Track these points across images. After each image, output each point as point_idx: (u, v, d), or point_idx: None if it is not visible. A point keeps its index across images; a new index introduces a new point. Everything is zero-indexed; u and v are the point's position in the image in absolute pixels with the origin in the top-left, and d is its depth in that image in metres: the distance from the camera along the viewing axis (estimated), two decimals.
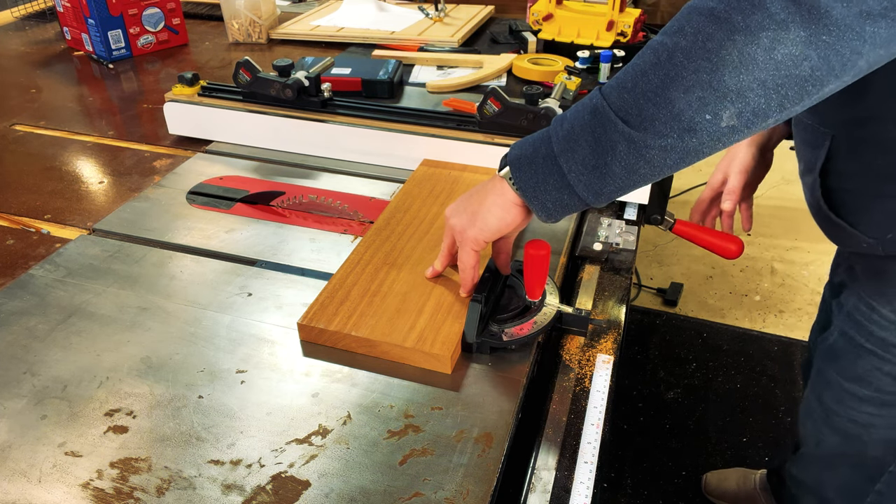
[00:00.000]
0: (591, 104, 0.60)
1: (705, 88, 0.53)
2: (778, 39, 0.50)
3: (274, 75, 1.17)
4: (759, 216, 2.70)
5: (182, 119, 1.23)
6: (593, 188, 0.61)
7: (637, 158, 0.58)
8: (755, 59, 0.51)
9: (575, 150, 0.61)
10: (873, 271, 0.86)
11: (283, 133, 1.17)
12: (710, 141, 0.55)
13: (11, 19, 1.97)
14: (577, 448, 0.66)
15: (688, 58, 0.53)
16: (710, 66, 0.52)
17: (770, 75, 0.51)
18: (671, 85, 0.54)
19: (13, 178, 1.13)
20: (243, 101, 1.21)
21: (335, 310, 0.76)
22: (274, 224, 0.97)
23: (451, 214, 0.75)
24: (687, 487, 1.68)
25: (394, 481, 0.60)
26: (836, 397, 0.97)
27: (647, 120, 0.56)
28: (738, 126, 0.54)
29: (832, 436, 1.00)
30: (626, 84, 0.57)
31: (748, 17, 0.50)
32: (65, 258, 0.90)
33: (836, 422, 0.98)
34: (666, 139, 0.56)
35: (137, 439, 0.64)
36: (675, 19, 0.55)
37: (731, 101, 0.53)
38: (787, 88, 0.52)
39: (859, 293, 0.90)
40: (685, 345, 2.10)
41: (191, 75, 1.22)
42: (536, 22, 1.56)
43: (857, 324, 0.90)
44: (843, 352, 0.94)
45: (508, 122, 1.07)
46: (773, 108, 0.53)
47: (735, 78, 0.52)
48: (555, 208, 0.65)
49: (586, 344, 0.78)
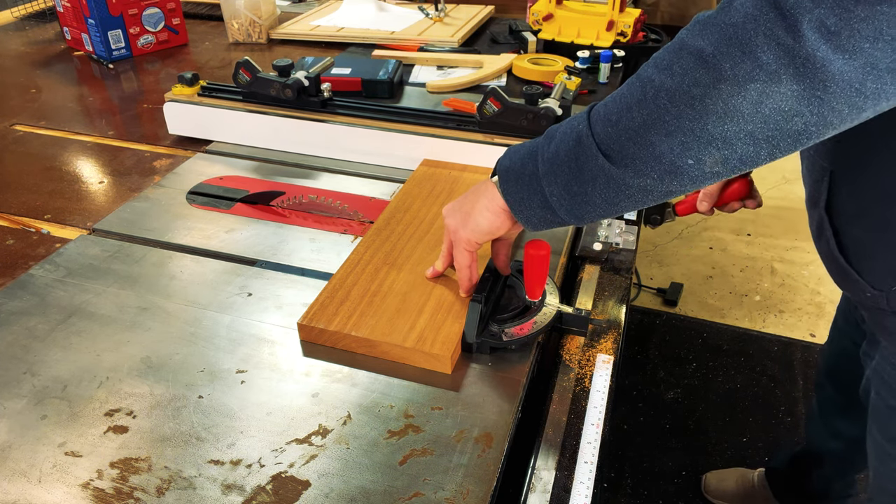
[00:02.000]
0: (577, 130, 0.58)
1: (687, 135, 0.50)
2: (766, 93, 0.46)
3: (274, 75, 1.17)
4: (759, 216, 2.70)
5: (182, 119, 1.23)
6: (574, 213, 0.61)
7: (616, 193, 0.56)
8: (741, 112, 0.48)
9: (557, 175, 0.60)
10: (884, 326, 0.80)
11: (282, 133, 1.17)
12: (692, 184, 0.53)
13: (11, 19, 1.97)
14: (577, 448, 0.66)
15: (671, 101, 0.50)
16: (693, 114, 0.49)
17: (758, 127, 0.48)
18: (653, 127, 0.52)
19: (13, 178, 1.13)
20: (243, 101, 1.21)
21: (335, 310, 0.76)
22: (274, 224, 0.97)
23: (446, 213, 0.75)
24: (687, 487, 1.68)
25: (394, 481, 0.60)
26: (881, 458, 0.92)
27: (627, 158, 0.54)
28: (722, 171, 0.52)
29: (881, 496, 0.96)
30: (612, 117, 0.55)
31: (736, 66, 0.46)
32: (65, 258, 0.90)
33: (884, 483, 0.94)
34: (645, 179, 0.54)
35: (137, 439, 0.64)
36: (667, 52, 0.52)
37: (717, 148, 0.50)
38: (779, 140, 0.49)
39: (881, 350, 0.84)
40: (685, 345, 2.10)
41: (190, 75, 1.22)
42: (536, 22, 1.56)
43: (886, 385, 0.85)
44: (880, 411, 0.89)
45: (508, 122, 1.07)
46: (762, 157, 0.50)
47: (720, 127, 0.49)
48: (539, 223, 0.65)
49: (586, 344, 0.78)
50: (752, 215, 2.71)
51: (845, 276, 0.78)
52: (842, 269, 0.78)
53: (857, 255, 0.76)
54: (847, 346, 1.16)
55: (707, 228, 2.65)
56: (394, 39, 1.64)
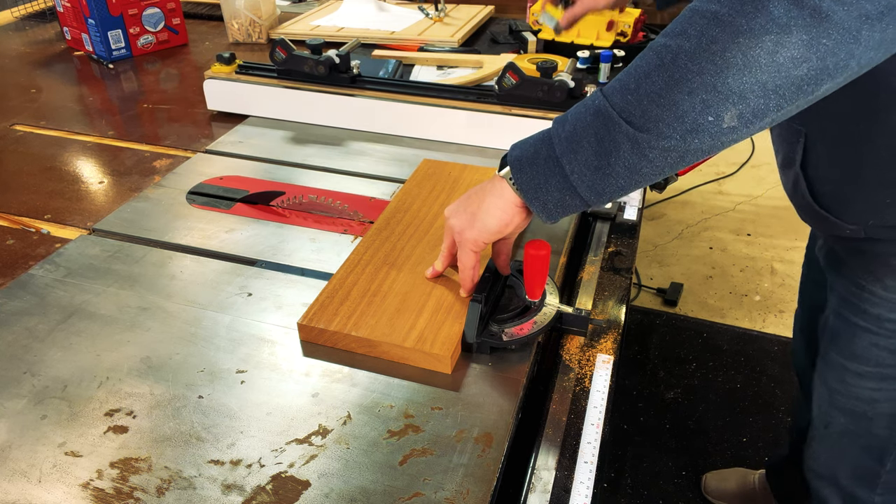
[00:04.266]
0: (593, 105, 0.61)
1: (709, 91, 0.53)
2: (780, 42, 0.51)
3: (307, 53, 1.26)
4: (759, 216, 2.70)
5: (220, 95, 1.32)
6: (596, 188, 0.62)
7: (640, 158, 0.58)
8: (759, 62, 0.52)
9: (577, 151, 0.61)
10: (857, 251, 0.90)
11: (314, 107, 1.27)
12: (711, 141, 0.56)
13: (11, 19, 1.97)
14: (577, 448, 0.66)
15: (692, 60, 0.54)
16: (715, 69, 0.53)
17: (771, 77, 0.52)
18: (675, 87, 0.55)
19: (13, 178, 1.13)
20: (277, 78, 1.30)
21: (335, 310, 0.76)
22: (274, 224, 0.97)
23: (450, 215, 0.75)
24: (687, 487, 1.68)
25: (394, 481, 0.60)
26: (838, 377, 0.99)
27: (651, 121, 0.56)
28: (737, 126, 0.55)
29: (839, 416, 1.02)
30: (630, 85, 0.58)
31: (751, 21, 0.51)
32: (65, 258, 0.90)
33: (840, 401, 1.00)
34: (669, 140, 0.56)
35: (137, 439, 0.64)
36: (677, 22, 0.56)
37: (733, 103, 0.54)
38: (785, 89, 0.53)
39: (847, 274, 0.92)
40: (685, 345, 2.10)
41: (228, 55, 1.31)
42: (536, 22, 1.56)
43: (849, 304, 0.93)
44: (840, 332, 0.96)
45: (525, 94, 1.15)
46: (770, 109, 0.54)
47: (738, 80, 0.52)
48: (556, 209, 0.65)
49: (586, 344, 0.78)
50: (752, 215, 2.71)
51: (823, 220, 0.89)
52: (819, 216, 0.89)
53: (834, 202, 0.87)
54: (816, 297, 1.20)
55: (707, 228, 2.65)
56: (394, 39, 1.64)
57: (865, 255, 0.89)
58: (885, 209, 0.82)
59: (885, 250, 0.86)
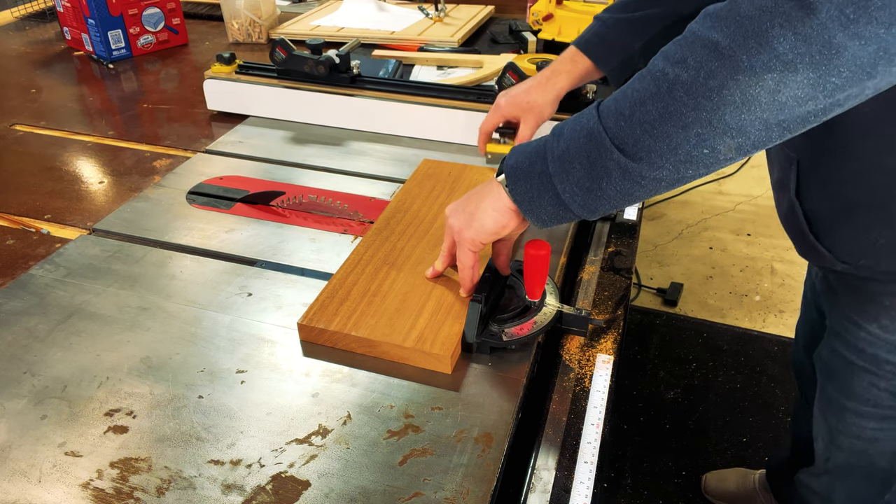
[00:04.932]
0: (587, 126, 0.59)
1: (704, 126, 0.51)
2: (783, 81, 0.48)
3: (307, 53, 1.25)
4: (760, 216, 2.70)
5: (220, 95, 1.32)
6: (588, 207, 0.61)
7: (632, 185, 0.57)
8: (758, 100, 0.49)
9: (569, 172, 0.60)
10: (850, 287, 0.85)
11: (315, 107, 1.27)
12: (706, 170, 0.55)
13: (11, 19, 1.97)
14: (577, 448, 0.66)
15: (688, 94, 0.51)
16: (711, 105, 0.50)
17: (773, 114, 0.49)
18: (669, 119, 0.52)
19: (13, 178, 1.13)
20: (278, 78, 1.29)
21: (335, 310, 0.76)
22: (274, 224, 0.97)
23: (450, 214, 0.75)
24: (687, 487, 1.68)
25: (394, 481, 0.60)
26: (838, 414, 0.95)
27: (643, 150, 0.55)
28: (735, 157, 0.53)
29: (839, 452, 0.99)
30: (624, 111, 0.56)
31: (753, 57, 0.48)
32: (65, 258, 0.90)
33: (841, 440, 0.97)
34: (661, 170, 0.55)
35: (137, 439, 0.64)
36: (679, 45, 0.53)
37: (732, 137, 0.51)
38: (790, 123, 0.50)
39: (842, 309, 0.88)
40: (685, 345, 2.10)
41: (228, 55, 1.31)
42: (536, 22, 1.56)
43: (844, 341, 0.89)
44: (837, 369, 0.92)
45: None
46: (773, 139, 0.52)
47: (736, 117, 0.50)
48: (550, 219, 0.65)
49: (586, 344, 0.78)
50: (752, 215, 2.71)
51: (815, 251, 0.83)
52: (811, 246, 0.83)
53: (826, 233, 0.81)
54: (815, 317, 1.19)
55: (707, 228, 2.65)
56: (394, 39, 1.64)
57: (859, 292, 0.84)
58: (879, 251, 0.77)
59: (879, 289, 0.81)
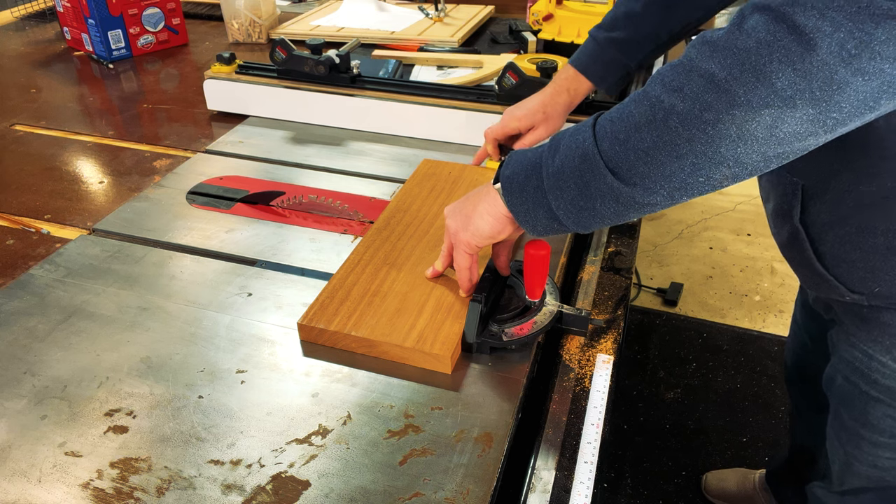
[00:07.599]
0: (583, 146, 0.58)
1: (699, 157, 0.50)
2: (781, 118, 0.46)
3: (307, 53, 1.25)
4: (760, 216, 2.70)
5: (220, 95, 1.32)
6: (582, 223, 0.62)
7: (625, 208, 0.57)
8: (755, 135, 0.48)
9: (564, 190, 0.60)
10: (859, 317, 0.80)
11: (315, 107, 1.27)
12: (699, 195, 0.54)
13: (11, 19, 1.97)
14: (577, 448, 0.66)
15: (683, 125, 0.50)
16: (706, 138, 0.49)
17: (770, 147, 0.48)
18: (664, 148, 0.52)
19: (13, 178, 1.13)
20: (278, 78, 1.29)
21: (335, 310, 0.76)
22: (274, 224, 0.97)
23: (448, 214, 0.75)
24: (687, 487, 1.68)
25: (394, 481, 0.60)
26: (854, 442, 0.91)
27: (637, 176, 0.54)
28: (730, 183, 0.53)
29: (856, 478, 0.96)
30: (619, 135, 0.55)
31: (750, 92, 0.46)
32: (65, 258, 0.90)
33: (857, 467, 0.94)
34: (655, 196, 0.55)
35: (137, 439, 0.64)
36: (676, 71, 0.52)
37: (728, 167, 0.50)
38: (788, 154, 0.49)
39: (850, 339, 0.84)
40: (685, 345, 2.10)
41: (228, 55, 1.31)
42: (536, 22, 1.56)
43: (858, 371, 0.85)
44: (852, 398, 0.88)
45: (525, 94, 1.13)
46: (771, 167, 0.51)
47: (732, 150, 0.49)
48: (545, 230, 0.65)
49: (586, 344, 0.78)
50: (752, 215, 2.71)
51: (822, 281, 0.79)
52: (819, 275, 0.78)
53: (835, 262, 0.76)
54: (805, 342, 1.17)
55: (707, 228, 2.65)
56: (394, 39, 1.64)
57: (870, 323, 0.79)
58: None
59: (891, 320, 0.76)
